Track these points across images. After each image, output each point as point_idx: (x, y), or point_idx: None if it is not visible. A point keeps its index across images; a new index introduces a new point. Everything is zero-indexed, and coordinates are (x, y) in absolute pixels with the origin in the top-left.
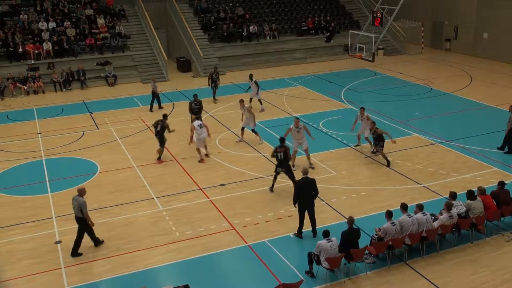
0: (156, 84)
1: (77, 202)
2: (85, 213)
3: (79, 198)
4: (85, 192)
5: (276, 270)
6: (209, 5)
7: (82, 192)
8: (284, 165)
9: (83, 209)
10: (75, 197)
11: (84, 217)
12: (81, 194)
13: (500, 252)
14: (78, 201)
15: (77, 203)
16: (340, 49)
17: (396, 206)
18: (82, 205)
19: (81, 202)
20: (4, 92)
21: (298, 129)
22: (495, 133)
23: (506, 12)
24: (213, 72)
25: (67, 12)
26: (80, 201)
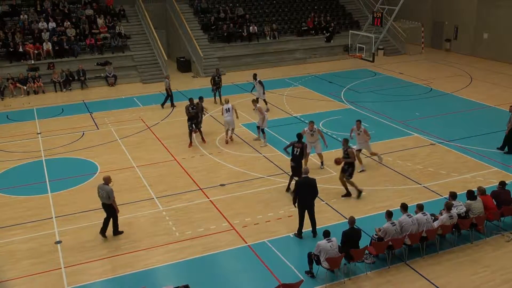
0: (169, 81)
1: (104, 190)
2: (112, 199)
3: (106, 186)
4: (110, 180)
5: (276, 270)
6: (209, 5)
7: (108, 180)
8: (297, 161)
9: (111, 196)
10: (101, 186)
11: (111, 204)
12: (107, 182)
13: (500, 252)
14: (105, 189)
15: (104, 191)
16: (340, 49)
17: (396, 206)
18: (109, 192)
19: (108, 190)
20: (4, 92)
21: (312, 132)
22: (495, 133)
23: (506, 12)
24: (215, 74)
25: (67, 12)
26: (107, 189)
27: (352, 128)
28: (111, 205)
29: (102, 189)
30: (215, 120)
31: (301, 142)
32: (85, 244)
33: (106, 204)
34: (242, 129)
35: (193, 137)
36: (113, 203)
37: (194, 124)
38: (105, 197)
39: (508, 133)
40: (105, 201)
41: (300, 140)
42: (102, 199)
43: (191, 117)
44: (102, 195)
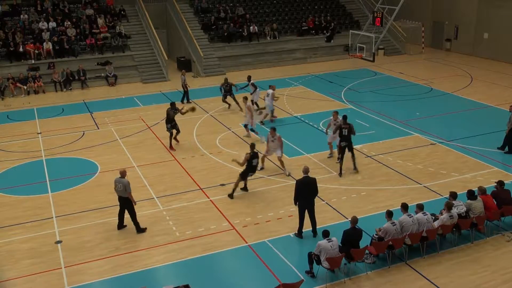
0: (185, 78)
1: (121, 183)
2: (129, 192)
3: (122, 179)
4: (126, 173)
5: (276, 270)
6: (210, 5)
7: (124, 173)
8: (347, 140)
9: (127, 189)
10: (118, 179)
11: (128, 197)
12: (123, 176)
13: (501, 252)
14: (122, 182)
15: (121, 184)
16: (341, 49)
17: (397, 206)
18: (126, 185)
19: (125, 183)
20: (5, 92)
21: (335, 122)
22: (495, 133)
23: (506, 12)
24: (224, 84)
25: (68, 12)
26: (124, 182)
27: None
28: (127, 198)
29: (119, 182)
30: (216, 120)
31: (347, 123)
32: (85, 244)
33: (122, 198)
34: (242, 128)
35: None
36: (129, 195)
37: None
38: (122, 190)
39: (508, 132)
40: (121, 194)
41: (346, 121)
42: (118, 192)
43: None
44: (119, 188)
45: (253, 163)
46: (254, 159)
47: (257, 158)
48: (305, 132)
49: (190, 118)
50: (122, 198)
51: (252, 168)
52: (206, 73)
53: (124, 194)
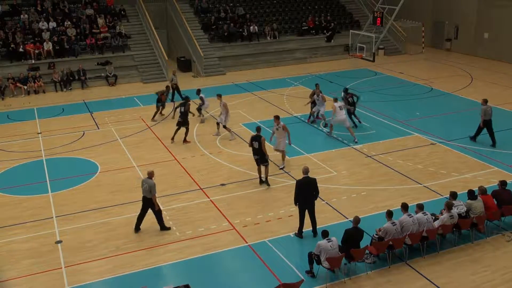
0: (176, 78)
1: (147, 184)
2: (154, 194)
3: (149, 180)
4: (153, 175)
5: (277, 270)
6: (210, 5)
7: (152, 174)
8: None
9: (152, 190)
10: (145, 179)
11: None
12: (151, 177)
13: (501, 252)
14: (149, 183)
15: (147, 185)
16: (341, 49)
17: (397, 206)
18: (152, 186)
19: (151, 184)
20: (5, 92)
21: (278, 127)
22: (495, 133)
23: (507, 12)
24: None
25: (68, 12)
26: (151, 183)
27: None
28: (151, 199)
29: (146, 182)
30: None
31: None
32: (85, 244)
33: (146, 198)
34: (242, 128)
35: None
36: (153, 198)
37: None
38: (147, 191)
39: (483, 124)
40: (146, 195)
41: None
42: (144, 192)
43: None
44: (145, 188)
45: (254, 146)
46: (254, 141)
47: (257, 141)
48: (305, 132)
49: (190, 118)
50: (146, 199)
51: (254, 150)
52: (206, 73)
53: (149, 194)
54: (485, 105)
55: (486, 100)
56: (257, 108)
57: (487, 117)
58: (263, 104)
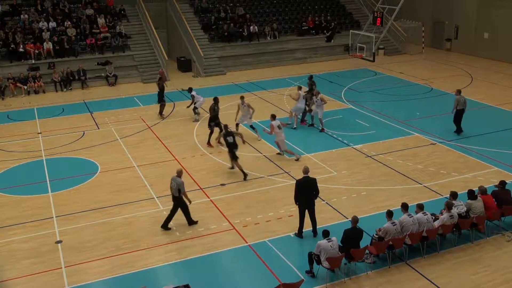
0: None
1: (175, 182)
2: (183, 192)
3: (178, 178)
4: (182, 173)
5: (277, 270)
6: (210, 4)
7: (180, 173)
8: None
9: (181, 189)
10: (174, 178)
11: (181, 196)
12: (179, 175)
13: (501, 252)
14: (177, 181)
15: (175, 183)
16: (341, 49)
17: (397, 206)
18: (180, 185)
19: (179, 183)
20: (5, 92)
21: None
22: (495, 132)
23: (507, 12)
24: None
25: (68, 12)
26: (179, 182)
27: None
28: (180, 197)
29: (174, 180)
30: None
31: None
32: (85, 243)
33: (175, 197)
34: (242, 128)
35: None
36: (184, 195)
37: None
38: (176, 189)
39: (456, 115)
40: (174, 193)
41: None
42: (172, 190)
43: (213, 116)
44: (173, 187)
45: (229, 140)
46: (228, 137)
47: (231, 135)
48: (305, 132)
49: (190, 118)
50: (174, 197)
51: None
52: (206, 73)
53: (177, 193)
54: (458, 95)
55: (460, 91)
56: (257, 108)
57: (460, 107)
58: (263, 104)
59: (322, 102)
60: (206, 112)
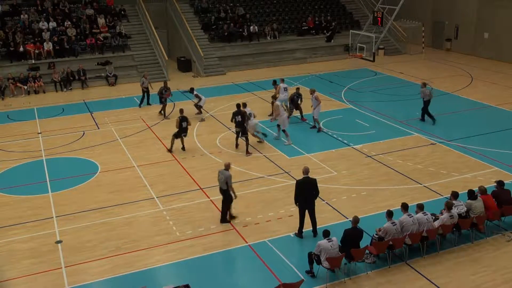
0: (147, 81)
1: (223, 175)
2: (230, 185)
3: (226, 171)
4: (230, 166)
5: (277, 270)
6: (210, 4)
7: (228, 166)
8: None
9: (229, 182)
10: (222, 171)
11: (228, 189)
12: (227, 168)
13: (501, 252)
14: (225, 174)
15: (223, 176)
16: (341, 49)
17: (397, 206)
18: (228, 178)
19: (227, 175)
20: (5, 92)
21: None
22: (495, 132)
23: (507, 12)
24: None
25: (68, 12)
26: (227, 175)
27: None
28: (227, 190)
29: (222, 173)
30: (216, 120)
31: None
32: (85, 243)
33: (222, 189)
34: None
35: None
36: (230, 189)
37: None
38: (223, 182)
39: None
40: (222, 186)
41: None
42: (220, 183)
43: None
44: (221, 180)
45: (183, 126)
46: (183, 122)
47: (186, 121)
48: (305, 132)
49: (190, 118)
50: (222, 190)
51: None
52: (206, 73)
53: (224, 186)
54: (423, 87)
55: (425, 83)
56: (257, 108)
57: (426, 98)
58: (263, 104)
59: (317, 101)
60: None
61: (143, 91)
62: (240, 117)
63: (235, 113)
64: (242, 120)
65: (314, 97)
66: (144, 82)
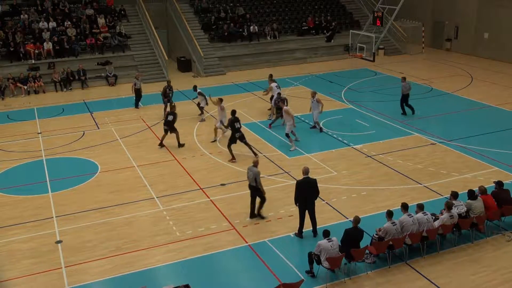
0: (140, 82)
1: (252, 172)
2: (259, 182)
3: (254, 168)
4: (258, 163)
5: (277, 270)
6: (210, 4)
7: (257, 162)
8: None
9: (257, 178)
10: (251, 168)
11: (257, 186)
12: (256, 165)
13: (501, 252)
14: (253, 171)
15: (252, 173)
16: (341, 49)
17: (397, 206)
18: (257, 174)
19: (256, 172)
20: (5, 92)
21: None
22: (495, 132)
23: (507, 12)
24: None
25: (68, 12)
26: (255, 171)
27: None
28: (256, 187)
29: (251, 170)
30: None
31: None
32: (85, 243)
33: (251, 186)
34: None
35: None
36: (259, 185)
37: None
38: (252, 179)
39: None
40: (251, 182)
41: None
42: (249, 179)
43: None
44: (250, 176)
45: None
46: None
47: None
48: (305, 132)
49: (190, 118)
50: (251, 186)
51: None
52: (206, 73)
53: (253, 182)
54: (404, 82)
55: (405, 78)
56: (257, 108)
57: (405, 92)
58: (263, 104)
59: (318, 103)
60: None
61: (135, 92)
62: (238, 123)
63: (233, 120)
64: (240, 125)
65: (315, 100)
66: (137, 83)
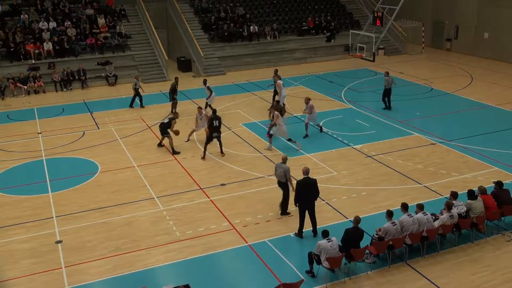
0: (139, 82)
1: (281, 168)
2: (288, 178)
3: (283, 164)
4: (287, 159)
5: (277, 270)
6: (210, 4)
7: (285, 159)
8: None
9: (287, 175)
10: (280, 164)
11: (287, 182)
12: (285, 161)
13: (501, 252)
14: (283, 167)
15: (281, 169)
16: (341, 49)
17: (397, 206)
18: (286, 171)
19: (285, 168)
20: (5, 92)
21: (201, 116)
22: (495, 132)
23: (507, 12)
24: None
25: (68, 12)
26: (285, 168)
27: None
28: (285, 183)
29: (279, 167)
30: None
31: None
32: (85, 243)
33: (280, 182)
34: (242, 128)
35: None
36: (289, 181)
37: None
38: (281, 175)
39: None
40: (280, 179)
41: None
42: (278, 177)
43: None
44: (279, 173)
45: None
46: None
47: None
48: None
49: (190, 118)
50: (280, 183)
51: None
52: (206, 73)
53: (283, 179)
54: (387, 76)
55: (388, 73)
56: (257, 108)
57: (387, 86)
58: (263, 104)
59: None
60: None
61: (135, 93)
62: (217, 121)
63: (212, 118)
64: (219, 125)
65: (308, 107)
66: (136, 83)
